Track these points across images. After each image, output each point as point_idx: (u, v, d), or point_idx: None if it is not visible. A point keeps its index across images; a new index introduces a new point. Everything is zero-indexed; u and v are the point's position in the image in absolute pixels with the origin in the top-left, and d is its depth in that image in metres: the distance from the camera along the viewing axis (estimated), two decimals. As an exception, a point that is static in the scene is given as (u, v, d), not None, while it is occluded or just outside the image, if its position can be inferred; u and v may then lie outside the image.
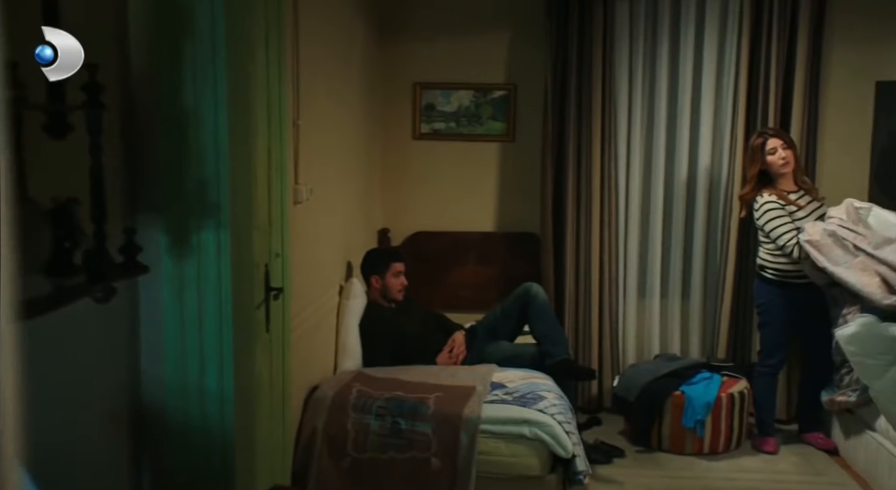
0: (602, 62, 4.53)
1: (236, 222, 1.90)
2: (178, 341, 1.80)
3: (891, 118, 4.59)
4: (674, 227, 4.74)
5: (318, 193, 3.40)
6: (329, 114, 3.66)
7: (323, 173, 3.55)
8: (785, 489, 3.78)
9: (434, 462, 3.12)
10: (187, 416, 1.82)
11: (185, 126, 1.71)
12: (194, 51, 1.69)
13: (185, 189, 1.75)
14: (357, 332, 3.85)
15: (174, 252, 1.76)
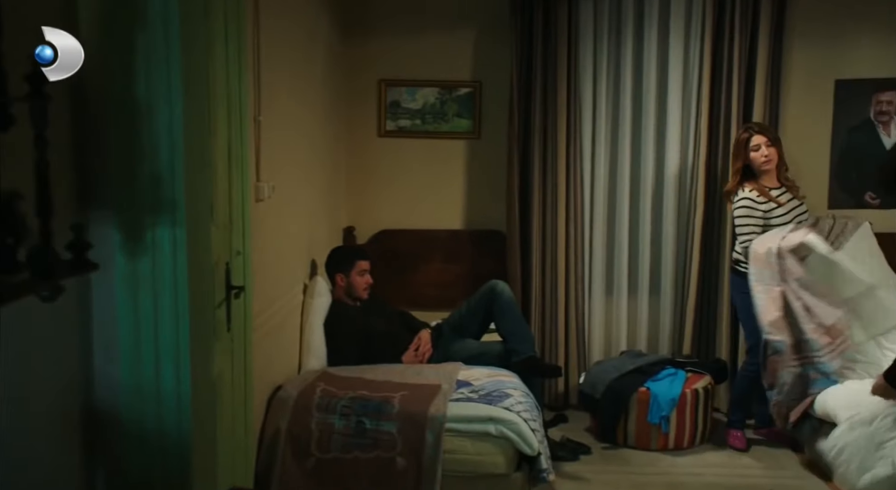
0: (567, 60, 4.53)
1: (193, 219, 1.86)
2: (133, 341, 1.76)
3: (850, 116, 4.66)
4: (640, 224, 4.77)
5: (281, 191, 3.36)
6: (292, 111, 3.62)
7: (286, 171, 3.50)
8: (749, 483, 3.81)
9: (399, 461, 3.10)
10: (143, 418, 1.77)
11: (138, 119, 1.67)
12: (147, 42, 1.65)
13: (138, 184, 1.70)
14: (322, 330, 3.81)
15: (128, 249, 1.72)
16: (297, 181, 3.74)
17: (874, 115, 4.65)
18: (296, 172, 3.72)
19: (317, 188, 4.19)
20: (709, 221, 4.57)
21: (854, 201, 4.70)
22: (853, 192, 4.71)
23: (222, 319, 2.53)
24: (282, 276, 3.49)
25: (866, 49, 4.60)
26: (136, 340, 1.75)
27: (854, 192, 4.71)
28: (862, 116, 4.65)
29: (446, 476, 3.11)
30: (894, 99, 4.61)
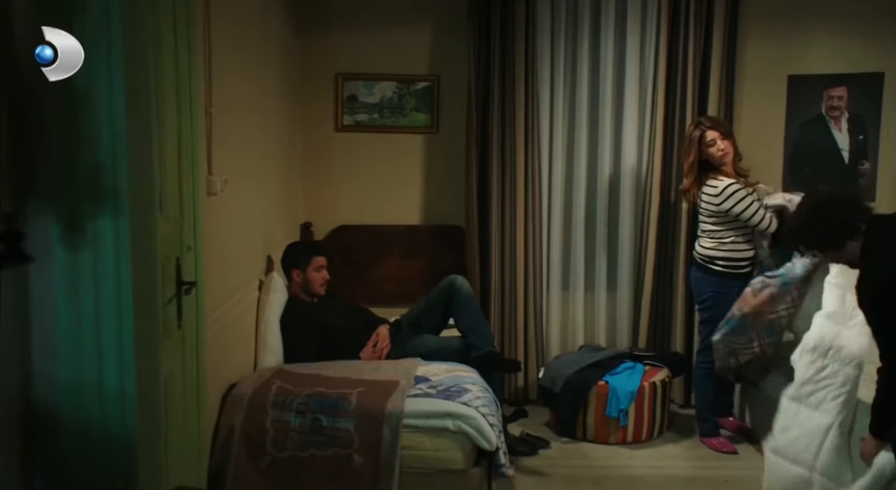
0: (525, 54, 4.53)
1: (138, 210, 1.80)
2: (74, 338, 1.69)
3: (802, 111, 4.72)
4: (596, 218, 4.78)
5: (235, 185, 3.30)
6: (245, 104, 3.56)
7: (239, 164, 3.44)
8: (706, 475, 3.84)
9: (356, 458, 3.05)
10: (85, 417, 1.71)
11: (77, 107, 1.61)
12: (84, 27, 1.58)
13: (78, 174, 1.64)
14: (278, 327, 3.75)
15: (68, 242, 1.66)
16: (251, 175, 3.68)
17: (825, 110, 4.72)
18: (250, 166, 3.66)
19: (272, 183, 4.13)
20: (664, 215, 4.60)
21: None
22: (806, 186, 4.76)
23: (172, 316, 2.46)
24: (236, 272, 3.43)
25: (818, 45, 4.67)
26: (78, 337, 1.69)
27: (807, 186, 4.76)
28: (814, 111, 4.72)
29: (404, 472, 3.08)
30: (844, 94, 4.69)
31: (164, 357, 2.32)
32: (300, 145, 4.76)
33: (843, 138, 4.73)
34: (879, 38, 4.65)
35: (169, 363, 2.43)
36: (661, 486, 3.72)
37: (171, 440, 2.41)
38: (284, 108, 4.37)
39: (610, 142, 4.72)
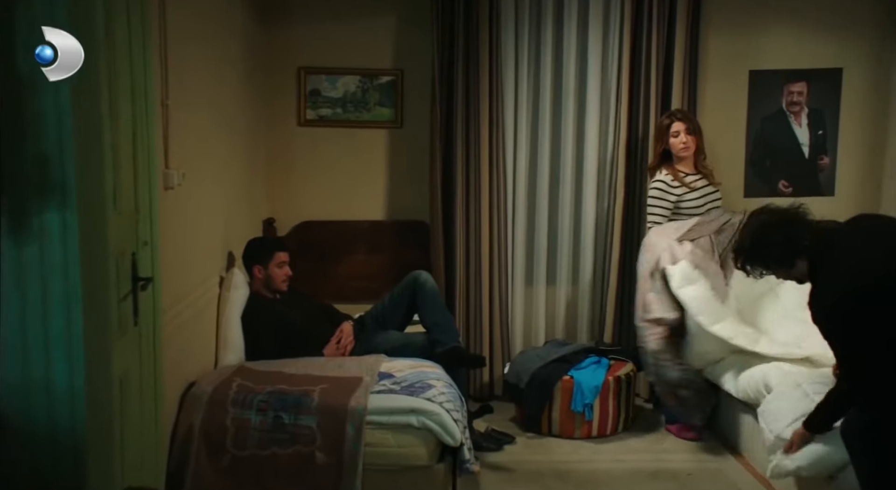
0: (489, 48, 4.51)
1: (87, 204, 1.75)
2: (20, 334, 1.64)
3: (763, 106, 4.77)
4: (560, 212, 4.78)
5: (194, 179, 3.23)
6: (204, 97, 3.49)
7: (198, 158, 3.38)
8: (670, 468, 3.85)
9: (319, 456, 3.01)
10: (32, 416, 1.66)
11: (21, 96, 1.55)
12: (27, 13, 1.53)
13: (23, 165, 1.59)
14: (239, 324, 3.69)
15: (13, 235, 1.60)
16: (211, 170, 3.61)
17: (786, 106, 4.77)
18: (210, 161, 3.59)
19: (233, 178, 4.06)
20: (629, 209, 4.61)
21: (768, 189, 4.81)
22: (767, 180, 4.82)
23: (128, 312, 2.41)
24: (195, 268, 3.37)
25: (778, 41, 4.71)
26: (23, 333, 1.63)
27: (768, 180, 4.82)
28: (775, 106, 4.77)
29: (368, 469, 3.04)
30: (804, 90, 4.74)
31: (119, 354, 2.27)
32: (262, 140, 4.70)
33: (803, 133, 4.79)
34: (838, 35, 4.70)
35: (124, 361, 2.38)
36: (625, 480, 3.73)
37: (127, 439, 2.36)
38: (246, 102, 4.31)
39: (573, 136, 4.72)
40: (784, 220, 2.82)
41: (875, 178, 4.80)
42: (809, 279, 2.77)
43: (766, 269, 2.85)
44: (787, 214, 2.84)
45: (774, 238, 2.76)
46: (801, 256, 2.74)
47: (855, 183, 4.82)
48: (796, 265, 2.76)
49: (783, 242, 2.75)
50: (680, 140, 4.13)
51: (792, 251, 2.74)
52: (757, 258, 2.83)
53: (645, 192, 4.47)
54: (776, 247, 2.76)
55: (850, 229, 2.85)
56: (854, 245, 2.72)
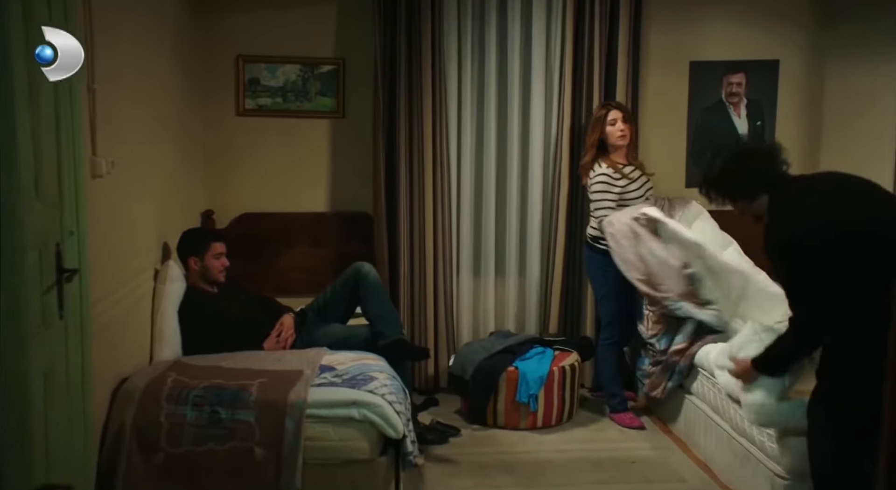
0: (431, 37, 4.46)
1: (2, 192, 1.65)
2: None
3: (703, 96, 4.82)
4: (507, 203, 4.77)
5: (125, 168, 3.12)
6: (136, 83, 3.37)
7: (130, 146, 3.26)
8: (613, 456, 3.87)
9: (258, 451, 2.94)
10: (-60, 413, 1.56)
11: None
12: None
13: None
14: (175, 318, 3.58)
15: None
16: (144, 158, 3.50)
17: (725, 97, 4.83)
18: (142, 149, 3.48)
19: (168, 168, 3.94)
20: (573, 199, 4.62)
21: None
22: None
23: (52, 305, 2.30)
24: (127, 260, 3.26)
25: (717, 32, 4.77)
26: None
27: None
28: (714, 97, 4.82)
29: (308, 464, 2.98)
30: (743, 81, 4.80)
31: (42, 348, 2.17)
32: (199, 130, 4.58)
33: (742, 124, 4.85)
34: (775, 27, 4.78)
35: (48, 355, 2.28)
36: (569, 470, 3.74)
37: (52, 436, 2.26)
38: (181, 89, 4.18)
39: (518, 126, 4.71)
40: (757, 152, 2.80)
41: (811, 168, 4.85)
42: (766, 217, 2.73)
43: (729, 197, 2.80)
44: (762, 149, 2.83)
45: (743, 167, 2.73)
46: (766, 191, 2.70)
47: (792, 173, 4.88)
48: (758, 199, 2.72)
49: (751, 173, 2.71)
50: (618, 128, 4.15)
51: (758, 184, 2.70)
52: (722, 185, 2.79)
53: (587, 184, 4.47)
54: (743, 176, 2.72)
55: (823, 177, 2.86)
56: (823, 188, 2.70)
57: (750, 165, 2.73)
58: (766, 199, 2.71)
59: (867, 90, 4.46)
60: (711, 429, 3.68)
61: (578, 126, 4.59)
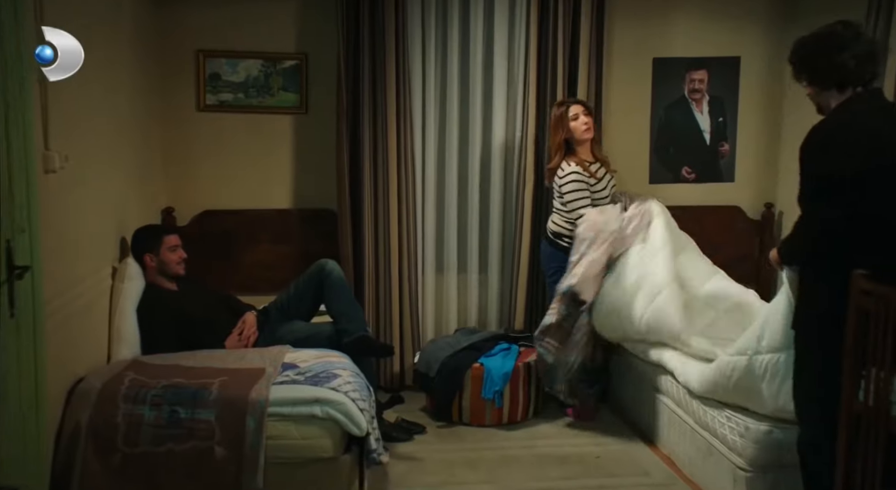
0: (395, 33, 4.43)
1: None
2: None
3: (666, 93, 4.84)
4: (469, 200, 4.75)
5: (80, 163, 3.06)
6: (91, 76, 3.27)
7: (85, 141, 3.20)
8: (579, 452, 3.87)
9: (218, 451, 2.89)
10: None
11: None
12: None
13: None
14: (134, 317, 3.52)
15: None
16: (100, 154, 3.43)
17: (688, 93, 4.86)
18: (99, 145, 3.40)
19: (127, 164, 3.87)
20: (538, 196, 4.61)
21: (672, 176, 4.90)
22: (671, 167, 4.91)
23: (3, 303, 2.24)
24: (83, 257, 3.19)
25: (680, 29, 4.79)
26: None
27: (672, 167, 4.91)
28: (677, 94, 4.85)
29: (270, 463, 2.94)
30: (705, 78, 4.84)
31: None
32: (159, 125, 4.50)
33: (704, 120, 4.89)
34: (736, 24, 4.82)
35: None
36: (535, 465, 3.73)
37: (3, 438, 2.20)
38: (140, 84, 4.11)
39: (481, 123, 4.69)
40: (860, 48, 2.54)
41: (772, 164, 4.95)
42: (822, 115, 2.60)
43: (807, 76, 2.62)
44: (870, 47, 2.59)
45: (840, 56, 2.52)
46: (839, 91, 2.54)
47: (754, 169, 4.95)
48: (829, 93, 2.56)
49: (834, 66, 2.53)
50: (581, 122, 4.14)
51: (836, 78, 2.53)
52: (810, 63, 2.60)
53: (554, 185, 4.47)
54: (832, 66, 2.53)
55: (888, 113, 2.62)
56: (877, 120, 2.52)
57: (837, 59, 2.52)
58: (836, 97, 2.55)
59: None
60: (675, 423, 3.70)
61: (543, 123, 4.58)
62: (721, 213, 4.91)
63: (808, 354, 2.60)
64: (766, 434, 3.03)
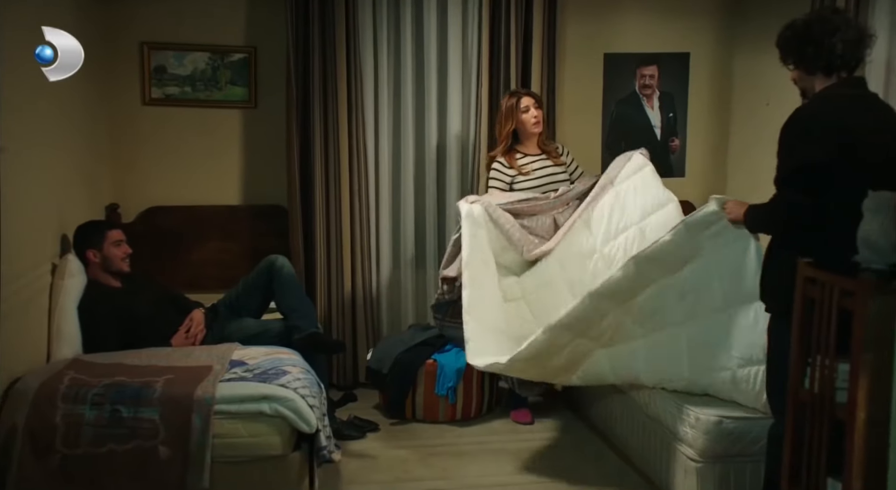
0: (346, 27, 4.37)
1: None
2: None
3: (618, 88, 4.87)
4: (427, 195, 4.71)
5: (17, 157, 2.96)
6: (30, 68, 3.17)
7: (22, 134, 3.09)
8: (532, 448, 3.86)
9: (162, 450, 2.82)
10: None
11: None
12: None
13: None
14: (75, 315, 3.41)
15: None
16: (39, 148, 3.31)
17: (639, 89, 4.89)
18: (37, 138, 3.30)
19: (69, 158, 3.76)
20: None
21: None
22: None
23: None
24: (20, 254, 3.07)
25: (630, 25, 4.82)
26: None
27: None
28: (629, 89, 4.88)
29: (216, 462, 2.88)
30: (655, 73, 4.87)
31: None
32: (102, 119, 4.37)
33: (655, 115, 4.92)
34: (685, 20, 4.86)
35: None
36: (488, 461, 3.71)
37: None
38: (82, 75, 3.92)
39: (436, 117, 4.66)
40: (850, 34, 2.50)
41: (721, 159, 5.00)
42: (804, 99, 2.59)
43: (794, 59, 2.58)
44: (859, 33, 2.54)
45: (825, 40, 2.48)
46: (824, 75, 2.52)
47: (703, 164, 5.00)
48: (814, 77, 2.54)
49: (822, 50, 2.49)
50: (531, 115, 4.15)
51: (821, 63, 2.51)
52: (797, 47, 2.56)
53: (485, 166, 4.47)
54: (821, 50, 2.49)
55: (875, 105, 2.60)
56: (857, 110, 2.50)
57: (827, 43, 2.48)
58: (819, 84, 2.54)
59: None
60: (627, 415, 3.71)
61: (496, 117, 4.56)
62: (672, 209, 4.94)
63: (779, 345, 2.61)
64: (715, 425, 3.05)
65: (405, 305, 4.79)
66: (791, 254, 2.47)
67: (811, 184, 2.41)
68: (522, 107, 4.13)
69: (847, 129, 2.43)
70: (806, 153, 2.43)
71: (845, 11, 2.60)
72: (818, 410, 2.26)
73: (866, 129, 2.46)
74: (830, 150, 2.40)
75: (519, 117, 4.14)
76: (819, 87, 2.55)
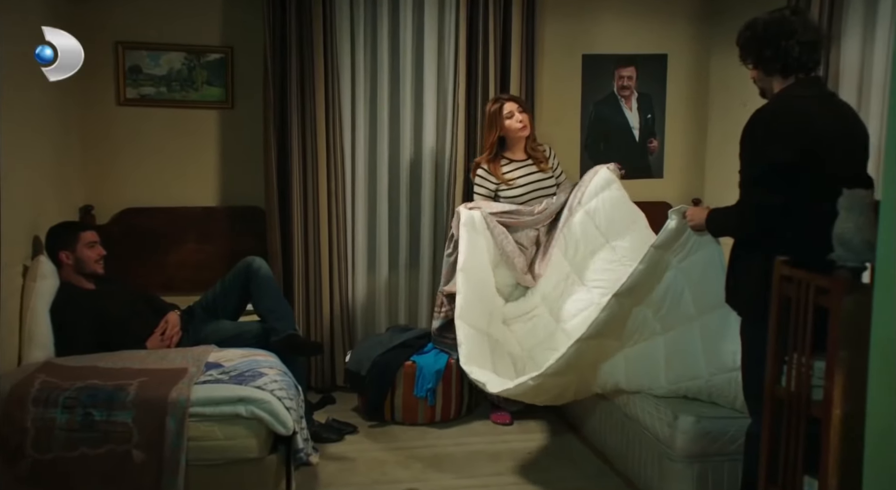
0: (323, 28, 4.35)
1: None
2: None
3: (596, 90, 4.88)
4: (401, 196, 4.69)
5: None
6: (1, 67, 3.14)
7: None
8: (511, 449, 3.85)
9: (136, 454, 2.78)
10: None
11: None
12: None
13: None
14: (48, 317, 3.36)
15: None
16: (11, 147, 3.25)
17: (617, 90, 4.90)
18: (10, 138, 3.23)
19: (42, 159, 3.71)
20: (468, 193, 4.57)
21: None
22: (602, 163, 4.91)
23: None
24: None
25: (609, 26, 4.83)
26: None
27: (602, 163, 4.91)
28: (607, 90, 4.89)
29: (192, 465, 2.84)
30: (634, 74, 4.89)
31: None
32: (77, 120, 4.31)
33: (633, 117, 4.94)
34: (663, 21, 4.88)
35: None
36: (467, 463, 3.70)
37: None
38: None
39: (411, 120, 4.64)
40: (807, 36, 2.52)
41: (699, 160, 5.02)
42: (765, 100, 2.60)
43: (753, 59, 2.60)
44: (815, 35, 2.56)
45: (786, 43, 2.50)
46: (782, 77, 2.54)
47: (681, 165, 5.02)
48: (772, 79, 2.57)
49: (779, 52, 2.51)
50: (516, 119, 4.13)
51: (779, 65, 2.52)
52: (757, 49, 2.57)
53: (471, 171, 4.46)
54: (779, 51, 2.51)
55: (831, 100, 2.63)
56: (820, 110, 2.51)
57: (784, 45, 2.50)
58: (778, 81, 2.55)
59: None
60: (605, 416, 3.71)
61: (473, 119, 4.56)
62: (650, 210, 4.91)
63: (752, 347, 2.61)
64: (693, 424, 3.05)
65: (380, 308, 4.76)
66: (756, 255, 2.48)
67: (778, 184, 2.41)
68: (506, 112, 4.11)
69: (813, 137, 2.44)
70: (771, 154, 2.43)
71: (806, 11, 2.60)
72: (794, 408, 2.27)
73: (833, 137, 2.47)
74: (795, 151, 2.41)
75: (503, 123, 4.12)
76: (777, 87, 2.57)
